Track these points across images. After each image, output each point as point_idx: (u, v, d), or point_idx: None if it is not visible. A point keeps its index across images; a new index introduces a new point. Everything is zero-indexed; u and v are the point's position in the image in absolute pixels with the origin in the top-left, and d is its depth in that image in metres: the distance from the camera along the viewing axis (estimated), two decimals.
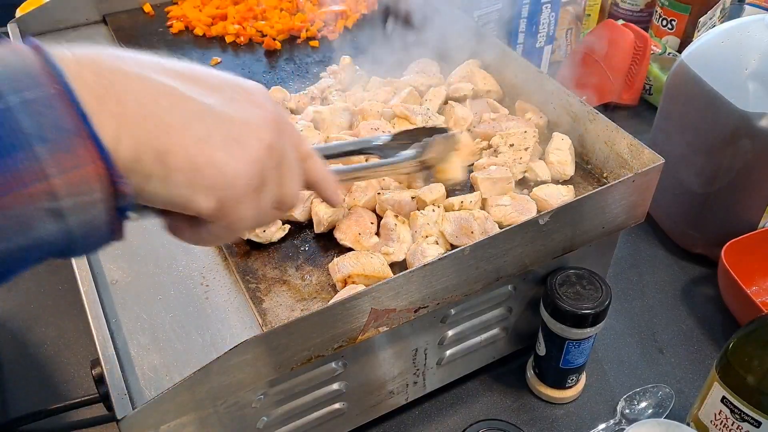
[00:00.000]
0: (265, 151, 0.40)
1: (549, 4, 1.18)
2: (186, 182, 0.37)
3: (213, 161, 0.37)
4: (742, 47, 0.84)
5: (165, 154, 0.35)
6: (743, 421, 0.63)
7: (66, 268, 0.98)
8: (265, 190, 0.42)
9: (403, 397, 0.76)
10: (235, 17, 1.15)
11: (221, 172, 0.38)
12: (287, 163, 0.44)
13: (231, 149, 0.38)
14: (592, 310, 0.69)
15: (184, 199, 0.38)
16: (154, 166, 0.35)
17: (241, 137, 0.39)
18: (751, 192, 0.88)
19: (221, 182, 0.38)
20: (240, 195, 0.40)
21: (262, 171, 0.41)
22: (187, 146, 0.36)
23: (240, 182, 0.39)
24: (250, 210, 0.41)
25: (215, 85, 0.39)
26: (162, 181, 0.36)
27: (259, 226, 0.44)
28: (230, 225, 0.41)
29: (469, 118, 0.88)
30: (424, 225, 0.72)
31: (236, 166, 0.39)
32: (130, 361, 0.61)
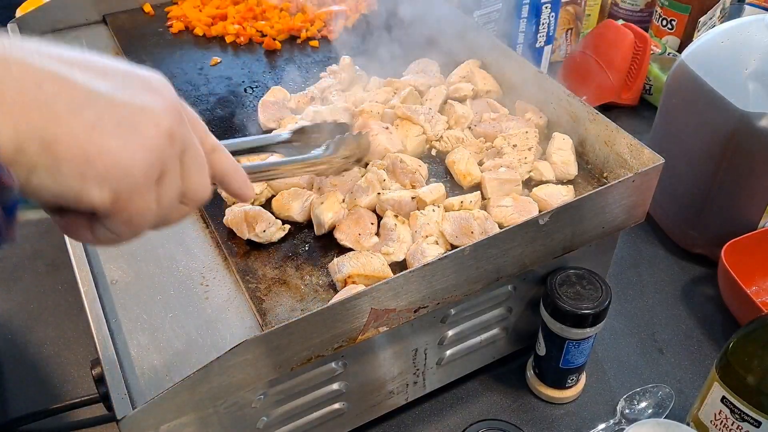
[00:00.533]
0: (164, 138, 0.38)
1: (549, 4, 1.18)
2: (76, 173, 0.34)
3: (105, 149, 0.35)
4: (742, 47, 0.84)
5: (51, 143, 0.33)
6: (743, 421, 0.63)
7: (66, 268, 0.98)
8: (167, 182, 0.39)
9: (403, 397, 0.76)
10: (235, 17, 1.15)
11: (114, 161, 0.35)
12: (191, 154, 0.41)
13: (125, 136, 0.36)
14: (592, 310, 0.69)
15: (75, 191, 0.35)
16: (40, 157, 0.33)
17: (136, 123, 0.36)
18: (751, 192, 0.88)
19: (115, 172, 0.35)
20: (137, 186, 0.37)
21: (162, 160, 0.38)
22: (75, 134, 0.34)
23: (136, 171, 0.36)
24: (149, 203, 0.38)
25: (107, 72, 0.37)
26: (50, 173, 0.33)
27: (165, 224, 0.42)
28: (129, 220, 0.38)
29: (469, 117, 0.88)
30: (424, 225, 0.72)
31: (132, 154, 0.36)
32: (130, 361, 0.61)
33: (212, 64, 1.06)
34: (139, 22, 1.16)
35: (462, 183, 0.80)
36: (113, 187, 0.36)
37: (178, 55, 1.08)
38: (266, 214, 0.73)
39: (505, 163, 0.80)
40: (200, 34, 1.13)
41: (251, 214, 0.72)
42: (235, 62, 1.06)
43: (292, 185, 0.78)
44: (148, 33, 1.13)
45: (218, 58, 1.06)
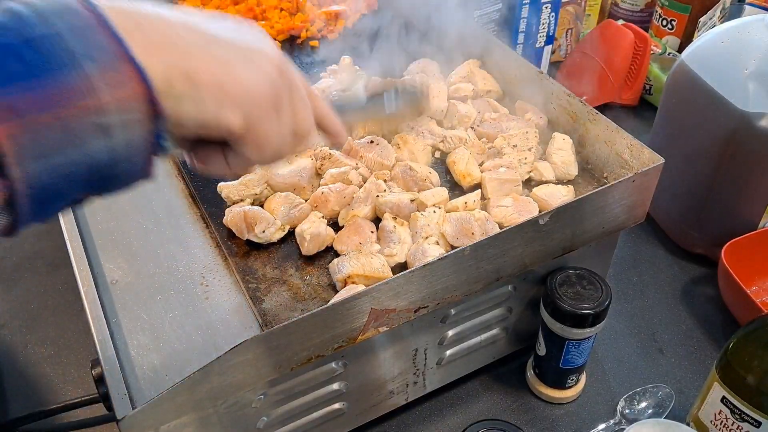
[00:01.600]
0: (277, 72, 0.44)
1: (549, 4, 1.18)
2: (214, 99, 0.40)
3: (236, 78, 0.41)
4: (742, 47, 0.84)
5: (193, 75, 0.38)
6: (743, 421, 0.63)
7: (66, 268, 0.98)
8: (283, 112, 0.45)
9: (403, 397, 0.76)
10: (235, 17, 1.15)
11: (244, 87, 0.41)
12: (297, 91, 0.46)
13: (249, 68, 0.42)
14: (592, 310, 0.69)
15: (214, 116, 0.40)
16: (185, 87, 0.38)
17: (255, 59, 0.43)
18: (751, 192, 0.88)
19: (245, 97, 0.41)
20: (262, 110, 0.43)
21: (278, 90, 0.44)
22: (211, 66, 0.40)
23: (262, 97, 0.43)
24: (273, 128, 0.44)
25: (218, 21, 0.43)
26: (193, 101, 0.39)
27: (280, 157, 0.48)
28: (258, 143, 0.44)
29: (472, 116, 0.88)
30: (424, 226, 0.72)
31: (256, 82, 0.42)
32: (130, 361, 0.61)
33: None
34: None
35: (462, 183, 0.80)
36: (245, 111, 0.42)
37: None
38: (266, 215, 0.73)
39: (505, 164, 0.80)
40: None
41: (251, 214, 0.72)
42: None
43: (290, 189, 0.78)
44: None
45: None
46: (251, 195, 0.76)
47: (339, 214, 0.76)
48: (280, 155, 0.47)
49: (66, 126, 0.32)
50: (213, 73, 0.40)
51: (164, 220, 0.76)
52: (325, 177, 0.79)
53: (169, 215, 0.77)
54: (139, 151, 0.37)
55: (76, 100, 0.32)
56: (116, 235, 0.74)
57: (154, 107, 0.36)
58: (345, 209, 0.76)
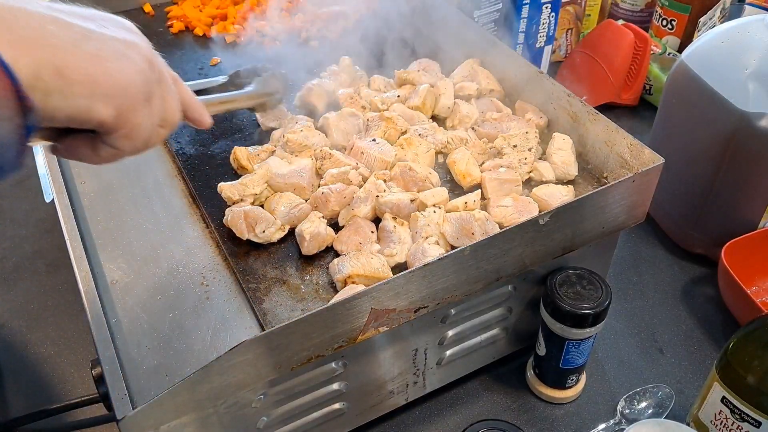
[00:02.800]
0: (147, 64, 0.46)
1: (549, 4, 1.18)
2: (86, 93, 0.41)
3: (107, 72, 0.42)
4: (742, 47, 0.84)
5: (63, 69, 0.39)
6: (743, 421, 0.63)
7: (66, 268, 0.98)
8: (153, 102, 0.47)
9: (403, 397, 0.76)
10: (235, 17, 1.15)
11: (116, 81, 0.42)
12: (165, 81, 0.49)
13: (120, 62, 0.43)
14: (592, 310, 0.69)
15: (85, 109, 0.41)
16: (55, 81, 0.39)
17: (127, 52, 0.44)
18: (751, 192, 0.88)
19: (116, 90, 0.43)
20: (134, 102, 0.44)
21: (149, 82, 0.46)
22: (82, 61, 0.40)
23: (133, 89, 0.44)
24: (144, 118, 0.46)
25: (89, 15, 0.44)
26: (63, 95, 0.39)
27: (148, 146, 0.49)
28: (129, 134, 0.45)
29: (473, 116, 0.88)
30: (424, 226, 0.72)
31: (128, 75, 0.44)
32: (130, 361, 0.61)
33: (212, 63, 1.06)
34: (140, 22, 1.13)
35: (462, 183, 0.80)
36: (116, 104, 0.43)
37: (178, 55, 1.08)
38: (266, 215, 0.73)
39: (505, 164, 0.80)
40: (200, 34, 1.13)
41: (251, 214, 0.72)
42: (235, 62, 1.06)
43: (290, 189, 0.78)
44: (148, 33, 1.11)
45: (218, 58, 1.06)
46: (251, 195, 0.76)
47: (339, 214, 0.76)
48: (149, 144, 0.49)
49: None
50: (84, 67, 0.40)
51: (164, 220, 0.76)
52: (325, 177, 0.79)
53: (169, 215, 0.77)
54: (10, 146, 0.37)
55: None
56: (116, 235, 0.74)
57: (23, 102, 0.36)
58: (345, 209, 0.76)
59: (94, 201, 0.78)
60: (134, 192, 0.80)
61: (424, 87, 0.90)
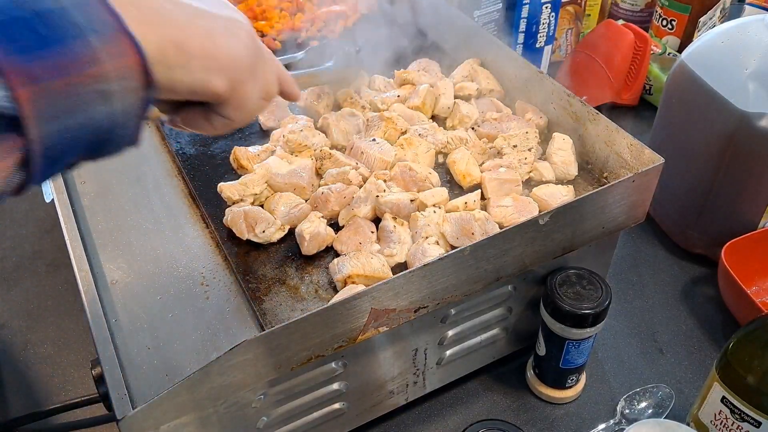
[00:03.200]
0: (252, 41, 0.49)
1: (549, 4, 1.18)
2: (203, 67, 0.44)
3: (221, 47, 0.45)
4: (742, 47, 0.84)
5: (183, 45, 0.42)
6: (743, 421, 0.63)
7: (66, 268, 0.98)
8: (258, 75, 0.50)
9: (403, 397, 0.76)
10: None
11: (228, 55, 0.46)
12: (265, 55, 0.52)
13: (230, 38, 0.46)
14: (592, 310, 0.69)
15: (203, 81, 0.45)
16: (177, 56, 0.42)
17: (234, 30, 0.47)
18: (751, 192, 0.88)
19: (229, 63, 0.46)
20: (244, 75, 0.48)
21: (254, 57, 0.49)
22: (198, 37, 0.44)
23: (243, 63, 0.48)
24: (252, 90, 0.50)
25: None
26: (184, 69, 0.43)
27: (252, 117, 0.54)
28: (238, 104, 0.49)
29: (473, 116, 0.88)
30: (424, 226, 0.72)
31: (238, 50, 0.47)
32: (130, 361, 0.61)
33: None
34: None
35: (462, 183, 0.80)
36: (229, 77, 0.46)
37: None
38: (266, 215, 0.73)
39: (505, 164, 0.80)
40: None
41: (251, 214, 0.72)
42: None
43: (290, 189, 0.78)
44: None
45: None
46: (251, 195, 0.76)
47: (339, 214, 0.76)
48: (253, 115, 0.53)
49: (75, 92, 0.35)
50: (201, 43, 0.44)
51: (164, 220, 0.76)
52: (325, 177, 0.79)
53: (169, 215, 0.77)
54: (132, 117, 0.40)
55: (83, 68, 0.35)
56: (116, 235, 0.74)
57: (148, 77, 0.39)
58: (345, 209, 0.76)
59: (94, 201, 0.78)
60: (134, 192, 0.80)
61: (424, 87, 0.90)
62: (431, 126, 0.86)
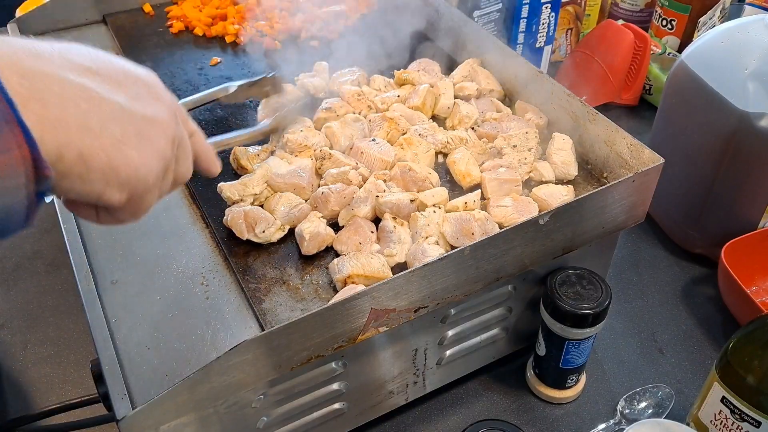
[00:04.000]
0: (169, 144, 0.44)
1: (549, 4, 1.18)
2: (103, 180, 0.39)
3: (129, 161, 0.40)
4: (742, 47, 0.84)
5: (86, 155, 0.38)
6: (743, 421, 0.63)
7: (66, 268, 0.98)
8: (167, 177, 0.46)
9: (403, 397, 0.76)
10: (235, 17, 1.15)
11: (136, 171, 0.41)
12: (183, 147, 0.47)
13: (142, 148, 0.41)
14: (592, 310, 0.69)
15: (98, 193, 0.40)
16: (76, 166, 0.37)
17: (149, 135, 0.42)
18: (751, 192, 0.88)
19: (134, 179, 0.41)
20: (148, 187, 0.43)
21: (168, 162, 0.45)
22: (106, 148, 0.39)
23: (151, 177, 0.43)
24: (155, 198, 0.45)
25: (120, 80, 0.41)
26: (81, 179, 0.38)
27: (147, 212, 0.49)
28: (134, 211, 0.44)
29: (473, 116, 0.88)
30: (424, 226, 0.72)
31: (148, 163, 0.42)
32: (130, 361, 0.61)
33: (212, 64, 1.06)
34: (139, 22, 1.16)
35: (461, 183, 0.80)
36: (130, 191, 0.41)
37: (178, 55, 1.08)
38: (266, 215, 0.73)
39: (504, 164, 0.80)
40: (200, 34, 1.13)
41: (251, 214, 0.72)
42: (235, 62, 1.06)
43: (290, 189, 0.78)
44: (148, 33, 1.13)
45: (218, 58, 1.06)
46: (251, 195, 0.76)
47: (339, 214, 0.76)
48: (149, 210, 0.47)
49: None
50: (108, 154, 0.39)
51: (164, 220, 0.76)
52: (325, 177, 0.79)
53: (169, 215, 0.77)
54: (20, 210, 0.36)
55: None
56: (116, 235, 0.74)
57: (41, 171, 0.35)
58: (345, 209, 0.76)
59: None
60: None
61: (424, 87, 0.90)
62: (431, 126, 0.86)
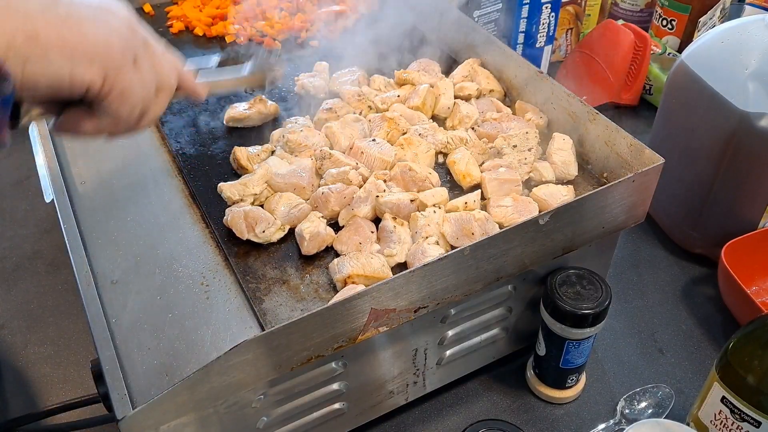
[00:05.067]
0: (126, 28, 0.45)
1: (549, 4, 1.18)
2: (63, 57, 0.40)
3: (83, 34, 0.41)
4: (742, 47, 0.84)
5: (35, 36, 0.39)
6: (743, 421, 0.63)
7: (66, 268, 0.98)
8: (141, 65, 0.46)
9: (403, 397, 0.76)
10: (235, 17, 1.15)
11: (93, 42, 0.42)
12: (151, 46, 0.48)
13: (95, 24, 0.43)
14: (592, 310, 0.69)
15: (68, 73, 0.41)
16: (29, 48, 0.38)
17: (102, 17, 0.43)
18: (751, 192, 0.88)
19: (95, 51, 0.42)
20: (119, 62, 0.44)
21: (131, 44, 0.45)
22: (55, 26, 0.40)
23: (114, 50, 0.43)
24: (134, 81, 0.45)
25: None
26: (40, 61, 0.39)
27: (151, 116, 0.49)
28: (120, 95, 0.45)
29: (473, 116, 0.88)
30: (424, 226, 0.72)
31: (104, 37, 0.43)
32: (130, 361, 0.61)
33: None
34: None
35: (461, 183, 0.80)
36: (100, 65, 0.42)
37: (178, 55, 1.08)
38: (266, 215, 0.73)
39: (505, 164, 0.80)
40: (200, 34, 1.13)
41: (251, 214, 0.72)
42: (235, 62, 1.06)
43: (290, 189, 0.78)
44: None
45: (218, 58, 1.06)
46: (251, 195, 0.76)
47: (339, 214, 0.76)
48: (148, 111, 0.48)
49: None
50: (57, 31, 0.40)
51: (164, 220, 0.76)
52: (325, 177, 0.79)
53: (169, 215, 0.77)
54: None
55: None
56: (116, 235, 0.74)
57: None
58: (345, 209, 0.76)
59: (94, 201, 0.78)
60: (134, 192, 0.80)
61: (424, 87, 0.90)
62: (431, 126, 0.86)
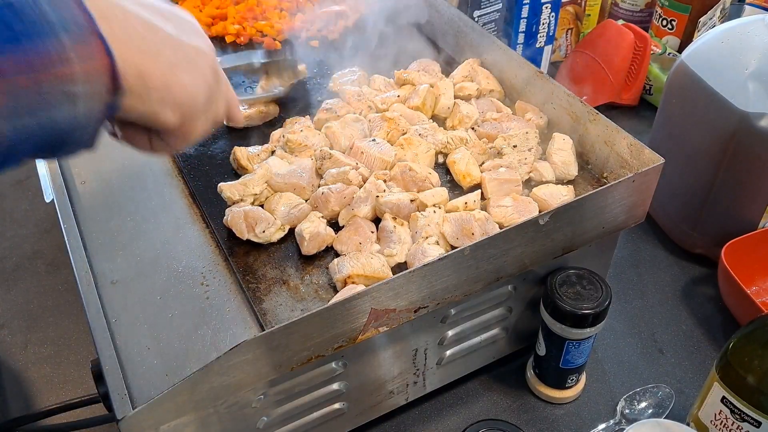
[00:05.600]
0: (212, 74, 0.49)
1: (549, 4, 1.18)
2: (159, 99, 0.43)
3: (181, 83, 0.45)
4: (742, 47, 0.84)
5: (145, 74, 0.42)
6: (743, 421, 0.63)
7: (66, 268, 0.98)
8: (210, 108, 0.50)
9: (403, 397, 0.76)
10: (235, 17, 1.15)
11: (187, 92, 0.46)
12: (221, 83, 0.52)
13: (192, 73, 0.46)
14: (592, 310, 0.69)
15: (155, 113, 0.44)
16: (137, 84, 0.41)
17: (196, 62, 0.47)
18: (751, 192, 0.88)
19: (185, 100, 0.46)
20: (198, 111, 0.48)
21: (212, 92, 0.49)
22: (162, 69, 0.43)
23: (200, 99, 0.47)
24: (203, 123, 0.49)
25: (166, 15, 0.46)
26: (141, 98, 0.42)
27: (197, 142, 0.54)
28: (185, 136, 0.49)
29: (473, 116, 0.88)
30: (424, 226, 0.72)
31: (197, 87, 0.47)
32: (130, 361, 0.61)
33: None
34: None
35: (461, 183, 0.80)
36: (183, 112, 0.46)
37: None
38: (266, 215, 0.73)
39: (505, 164, 0.80)
40: None
41: (251, 214, 0.72)
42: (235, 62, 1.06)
43: (290, 189, 0.78)
44: None
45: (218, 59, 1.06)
46: (251, 195, 0.76)
47: (339, 214, 0.76)
48: (196, 141, 0.51)
49: (40, 90, 0.35)
50: (162, 75, 0.43)
51: (164, 220, 0.76)
52: (325, 177, 0.79)
53: (169, 215, 0.77)
54: (93, 121, 0.39)
55: (52, 66, 0.35)
56: (116, 235, 0.74)
57: (115, 82, 0.39)
58: (345, 209, 0.76)
59: (94, 201, 0.78)
60: (134, 192, 0.80)
61: (424, 87, 0.90)
62: (431, 126, 0.86)
